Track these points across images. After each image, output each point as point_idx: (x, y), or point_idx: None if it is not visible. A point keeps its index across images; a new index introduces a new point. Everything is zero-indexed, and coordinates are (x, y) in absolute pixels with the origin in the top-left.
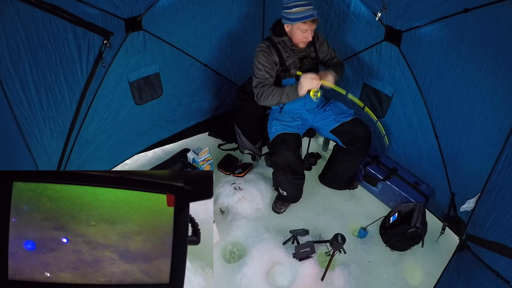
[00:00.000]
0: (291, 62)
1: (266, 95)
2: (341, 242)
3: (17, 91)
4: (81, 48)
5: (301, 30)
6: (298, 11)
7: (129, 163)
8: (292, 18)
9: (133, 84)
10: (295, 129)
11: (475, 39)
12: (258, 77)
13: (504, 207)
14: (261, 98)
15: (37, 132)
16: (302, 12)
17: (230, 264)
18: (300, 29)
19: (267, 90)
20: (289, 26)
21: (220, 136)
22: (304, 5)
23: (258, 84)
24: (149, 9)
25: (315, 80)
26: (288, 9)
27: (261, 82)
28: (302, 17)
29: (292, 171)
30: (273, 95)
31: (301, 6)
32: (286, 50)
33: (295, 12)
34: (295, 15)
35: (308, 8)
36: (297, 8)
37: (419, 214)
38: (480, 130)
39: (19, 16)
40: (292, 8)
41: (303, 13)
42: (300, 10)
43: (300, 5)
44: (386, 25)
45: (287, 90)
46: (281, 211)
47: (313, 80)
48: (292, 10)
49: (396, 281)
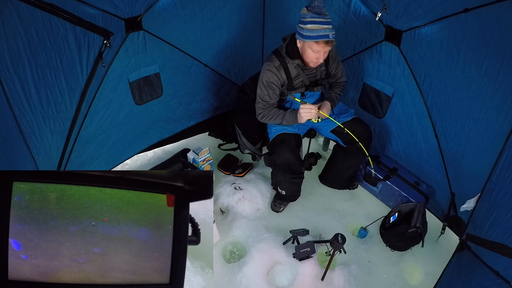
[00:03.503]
0: (299, 82)
1: (267, 118)
2: (341, 242)
3: (17, 91)
4: (81, 48)
5: (312, 50)
6: (312, 29)
7: (129, 163)
8: (305, 35)
9: (133, 84)
10: (295, 129)
11: (475, 39)
12: (261, 99)
13: (504, 207)
14: (262, 119)
15: (37, 132)
16: (316, 31)
17: (230, 264)
18: (312, 49)
19: (269, 113)
20: (301, 42)
21: (220, 136)
22: (320, 23)
23: (260, 104)
24: (149, 9)
25: (313, 110)
26: (303, 24)
27: (264, 105)
28: (315, 36)
29: (291, 171)
30: (273, 118)
31: (317, 23)
32: (296, 69)
33: (309, 29)
34: (308, 32)
35: (324, 27)
36: (312, 25)
37: (419, 214)
38: (480, 130)
39: (19, 16)
40: (307, 24)
41: (317, 31)
42: (315, 27)
43: (316, 22)
44: (386, 25)
45: (287, 117)
46: (280, 210)
47: (311, 111)
48: (306, 26)
49: (396, 281)
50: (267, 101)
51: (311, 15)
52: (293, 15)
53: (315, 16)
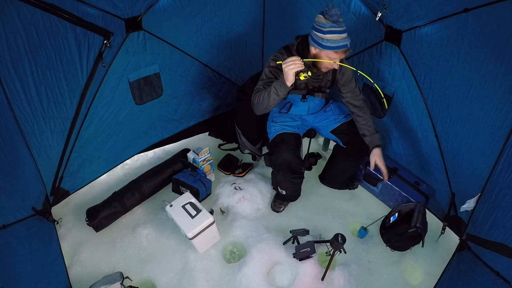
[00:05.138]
0: (303, 83)
1: (257, 99)
2: (341, 242)
3: (17, 91)
4: (81, 48)
5: (329, 58)
6: (332, 39)
7: (129, 163)
8: (324, 45)
9: (133, 84)
10: (295, 129)
11: (475, 39)
12: (257, 85)
13: (504, 207)
14: (255, 104)
15: (37, 132)
16: (336, 41)
17: (230, 264)
18: (329, 57)
19: (260, 95)
20: (317, 50)
21: (220, 136)
22: (340, 32)
23: (254, 91)
24: (149, 9)
25: (296, 61)
26: (321, 33)
27: (257, 88)
28: (335, 46)
29: (291, 171)
30: (263, 96)
31: (337, 33)
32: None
33: (329, 39)
34: (328, 42)
35: (343, 36)
36: (332, 35)
37: (419, 214)
38: (480, 130)
39: (19, 16)
40: (326, 33)
41: (337, 42)
42: (334, 38)
43: (336, 31)
44: (386, 25)
45: (274, 84)
46: (280, 210)
47: (295, 62)
48: (326, 36)
49: (396, 281)
50: (262, 79)
51: (330, 25)
52: (293, 15)
53: (334, 26)
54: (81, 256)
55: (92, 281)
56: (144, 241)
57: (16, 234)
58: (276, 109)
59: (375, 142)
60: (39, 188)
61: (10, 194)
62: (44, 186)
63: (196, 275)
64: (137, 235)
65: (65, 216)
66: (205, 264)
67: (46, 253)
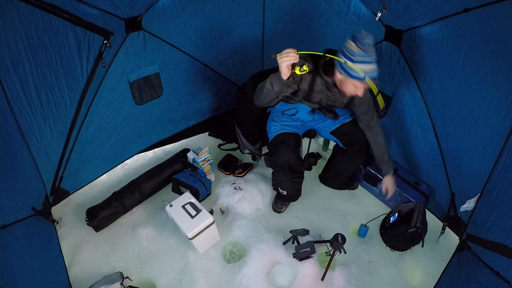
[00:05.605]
0: (318, 98)
1: (257, 92)
2: (341, 242)
3: (17, 91)
4: (81, 48)
5: (354, 85)
6: (362, 70)
7: (129, 163)
8: (352, 75)
9: (133, 84)
10: (295, 129)
11: (475, 39)
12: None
13: (504, 207)
14: (255, 98)
15: (37, 132)
16: (366, 72)
17: (230, 264)
18: (355, 85)
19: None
20: (343, 76)
21: (220, 136)
22: (370, 62)
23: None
24: (149, 9)
25: (290, 53)
26: (351, 62)
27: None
28: (364, 77)
29: (292, 171)
30: (261, 88)
31: (367, 63)
32: (322, 85)
33: (359, 69)
34: (356, 72)
35: (373, 67)
36: (362, 64)
37: (419, 214)
38: (480, 130)
39: (19, 16)
40: (355, 63)
41: (367, 73)
42: (364, 68)
43: (366, 61)
44: (386, 25)
45: (271, 76)
46: (282, 211)
47: (289, 54)
48: (355, 65)
49: (396, 281)
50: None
51: (362, 55)
52: (293, 16)
53: (364, 55)
54: (81, 256)
55: (92, 281)
56: (144, 241)
57: (16, 234)
58: (279, 109)
59: (385, 171)
60: (39, 188)
61: (10, 194)
62: (44, 186)
63: (196, 275)
64: (137, 235)
65: (65, 216)
66: (205, 264)
67: (46, 253)
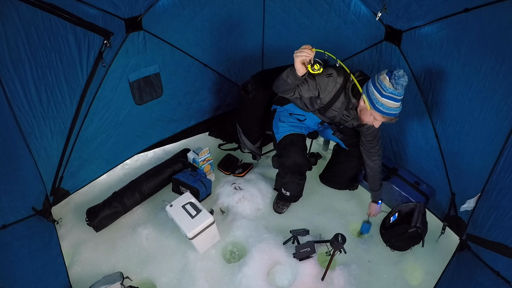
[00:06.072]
0: (333, 115)
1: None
2: (341, 242)
3: (17, 91)
4: (81, 48)
5: (374, 117)
6: (387, 105)
7: (129, 163)
8: (377, 107)
9: (133, 84)
10: (302, 130)
11: (475, 39)
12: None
13: (504, 207)
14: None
15: (37, 132)
16: (390, 108)
17: (231, 264)
18: (375, 117)
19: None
20: (367, 104)
21: (220, 136)
22: (397, 100)
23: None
24: (149, 9)
25: (305, 49)
26: (379, 95)
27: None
28: (387, 113)
29: (299, 173)
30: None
31: (394, 100)
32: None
33: (384, 104)
34: (381, 106)
35: (397, 105)
36: (389, 100)
37: (419, 214)
38: (480, 130)
39: (19, 16)
40: (384, 97)
41: (390, 109)
42: (390, 104)
43: (394, 99)
44: (386, 25)
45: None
46: (283, 211)
47: (303, 50)
48: (382, 99)
49: (396, 281)
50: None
51: (392, 91)
52: (293, 15)
53: (395, 93)
54: (81, 256)
55: (92, 281)
56: (144, 241)
57: (16, 234)
58: (286, 109)
59: (372, 198)
60: (39, 188)
61: (10, 194)
62: (44, 186)
63: (196, 275)
64: (137, 235)
65: (65, 216)
66: (205, 264)
67: (46, 253)
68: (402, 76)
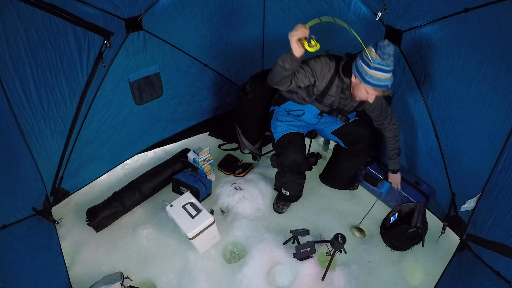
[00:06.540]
0: (330, 101)
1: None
2: (341, 242)
3: (17, 91)
4: (81, 48)
5: (367, 91)
6: (375, 76)
7: (130, 163)
8: (366, 80)
9: (133, 84)
10: (300, 129)
11: (475, 39)
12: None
13: (504, 207)
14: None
15: (37, 132)
16: (379, 79)
17: (231, 264)
18: (367, 90)
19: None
20: (357, 79)
21: (221, 136)
22: (386, 71)
23: None
24: (149, 9)
25: (299, 27)
26: (367, 67)
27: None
28: (377, 84)
29: (298, 172)
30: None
31: (382, 71)
32: (337, 87)
33: (373, 75)
34: (371, 78)
35: (388, 76)
36: (377, 71)
37: (419, 214)
38: (480, 130)
39: (19, 16)
40: (372, 69)
41: (380, 80)
42: (378, 75)
43: (382, 69)
44: (386, 25)
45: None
46: (283, 211)
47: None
48: (371, 71)
49: (396, 281)
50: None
51: (379, 62)
52: (293, 15)
53: (382, 63)
54: (81, 256)
55: (92, 281)
56: (144, 241)
57: (16, 234)
58: (284, 108)
59: (390, 166)
60: (39, 188)
61: (11, 194)
62: (44, 186)
63: (196, 275)
64: (137, 235)
65: (65, 216)
66: (205, 264)
67: (46, 253)
68: (387, 45)
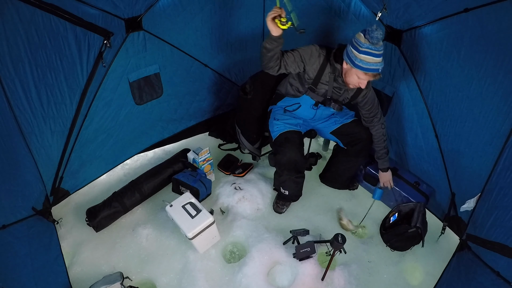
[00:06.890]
0: (323, 89)
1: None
2: (341, 242)
3: (17, 91)
4: (81, 48)
5: (358, 76)
6: (365, 60)
7: (129, 163)
8: (356, 64)
9: (133, 84)
10: (297, 127)
11: (475, 39)
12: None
13: (504, 207)
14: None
15: (37, 132)
16: (369, 63)
17: (231, 264)
18: (358, 75)
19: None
20: (348, 65)
21: (220, 136)
22: (375, 55)
23: None
24: (149, 9)
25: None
26: (357, 51)
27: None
28: (367, 68)
29: (296, 170)
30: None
31: (372, 55)
32: (329, 76)
33: (363, 59)
34: (360, 62)
35: (377, 60)
36: (366, 55)
37: (419, 214)
38: (480, 130)
39: (19, 16)
40: (361, 53)
41: (370, 64)
42: (368, 59)
43: (371, 53)
44: (386, 25)
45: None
46: (283, 211)
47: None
48: (360, 55)
49: (396, 281)
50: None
51: (368, 46)
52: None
53: (371, 47)
54: (81, 256)
55: (92, 281)
56: (144, 241)
57: (16, 234)
58: (280, 106)
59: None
60: (39, 188)
61: (10, 194)
62: (44, 186)
63: (196, 275)
64: (137, 235)
65: (65, 216)
66: (205, 264)
67: (46, 253)
68: (375, 29)
